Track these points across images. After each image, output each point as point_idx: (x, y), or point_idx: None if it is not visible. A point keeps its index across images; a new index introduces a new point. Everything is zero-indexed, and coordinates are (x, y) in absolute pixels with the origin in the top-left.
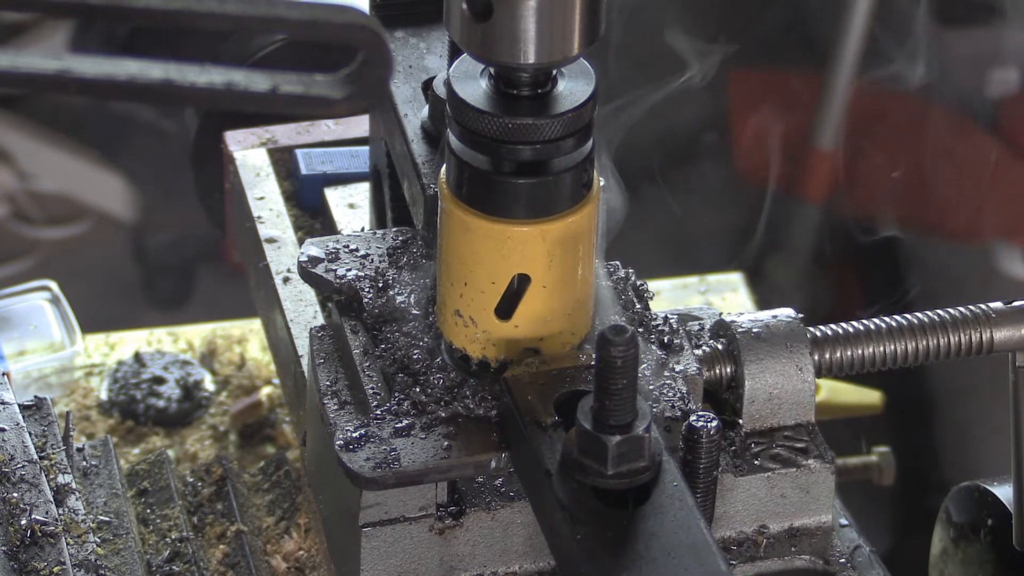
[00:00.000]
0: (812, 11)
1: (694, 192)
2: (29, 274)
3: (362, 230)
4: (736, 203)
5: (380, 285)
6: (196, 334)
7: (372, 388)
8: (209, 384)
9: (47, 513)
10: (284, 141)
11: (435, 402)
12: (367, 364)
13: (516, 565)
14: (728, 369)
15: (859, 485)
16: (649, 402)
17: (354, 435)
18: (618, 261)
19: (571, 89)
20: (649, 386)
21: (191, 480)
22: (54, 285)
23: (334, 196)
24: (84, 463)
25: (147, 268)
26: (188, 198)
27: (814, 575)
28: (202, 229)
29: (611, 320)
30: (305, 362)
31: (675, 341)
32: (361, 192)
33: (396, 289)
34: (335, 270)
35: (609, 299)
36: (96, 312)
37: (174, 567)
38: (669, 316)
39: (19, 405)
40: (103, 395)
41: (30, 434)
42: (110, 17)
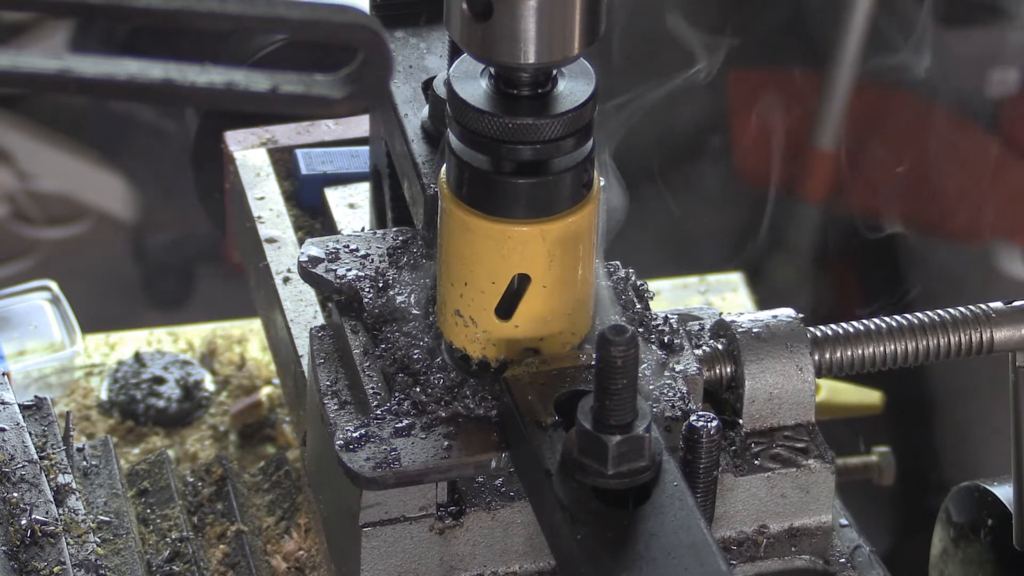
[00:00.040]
0: (812, 10)
1: (694, 192)
2: (29, 274)
3: (362, 230)
4: (736, 203)
5: (380, 285)
6: (196, 334)
7: (372, 388)
8: (209, 384)
9: (47, 513)
10: (284, 141)
11: (435, 402)
12: (367, 364)
13: (516, 565)
14: (728, 369)
15: (859, 485)
16: (649, 402)
17: (354, 435)
18: (618, 261)
19: (571, 89)
20: (649, 386)
21: (191, 480)
22: (54, 285)
23: (334, 196)
24: (84, 463)
25: (147, 268)
26: (188, 198)
27: (814, 575)
28: (202, 229)
29: (611, 320)
30: (305, 362)
31: (675, 341)
32: (361, 192)
33: (396, 289)
34: (335, 270)
35: (609, 299)
36: (96, 312)
37: (174, 567)
38: (669, 316)
39: (19, 405)
40: (103, 395)
41: (30, 434)
42: (110, 17)
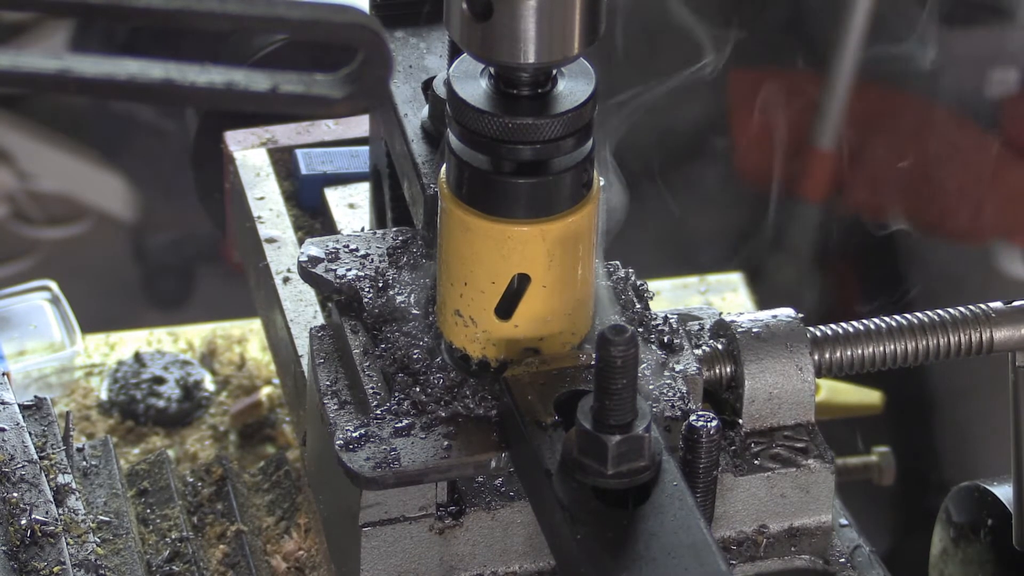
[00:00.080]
0: (812, 10)
1: (694, 192)
2: (29, 274)
3: (362, 230)
4: (736, 203)
5: (380, 285)
6: (196, 334)
7: (372, 388)
8: (209, 384)
9: (47, 513)
10: (284, 141)
11: (435, 402)
12: (367, 364)
13: (516, 565)
14: (728, 369)
15: (859, 485)
16: (649, 402)
17: (354, 435)
18: (618, 261)
19: (571, 89)
20: (649, 386)
21: (191, 480)
22: (54, 285)
23: (334, 196)
24: (84, 463)
25: (147, 268)
26: (188, 198)
27: (814, 575)
28: (202, 229)
29: (611, 320)
30: (305, 362)
31: (675, 341)
32: (361, 192)
33: (396, 289)
34: (335, 270)
35: (609, 299)
36: (96, 312)
37: (174, 567)
38: (669, 316)
39: (19, 405)
40: (103, 395)
41: (30, 434)
42: (110, 17)
